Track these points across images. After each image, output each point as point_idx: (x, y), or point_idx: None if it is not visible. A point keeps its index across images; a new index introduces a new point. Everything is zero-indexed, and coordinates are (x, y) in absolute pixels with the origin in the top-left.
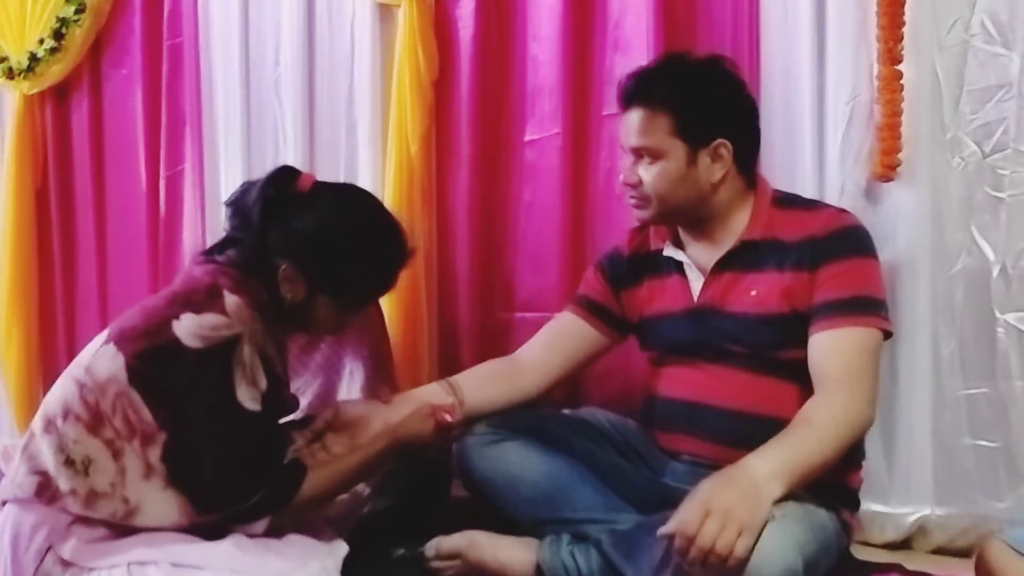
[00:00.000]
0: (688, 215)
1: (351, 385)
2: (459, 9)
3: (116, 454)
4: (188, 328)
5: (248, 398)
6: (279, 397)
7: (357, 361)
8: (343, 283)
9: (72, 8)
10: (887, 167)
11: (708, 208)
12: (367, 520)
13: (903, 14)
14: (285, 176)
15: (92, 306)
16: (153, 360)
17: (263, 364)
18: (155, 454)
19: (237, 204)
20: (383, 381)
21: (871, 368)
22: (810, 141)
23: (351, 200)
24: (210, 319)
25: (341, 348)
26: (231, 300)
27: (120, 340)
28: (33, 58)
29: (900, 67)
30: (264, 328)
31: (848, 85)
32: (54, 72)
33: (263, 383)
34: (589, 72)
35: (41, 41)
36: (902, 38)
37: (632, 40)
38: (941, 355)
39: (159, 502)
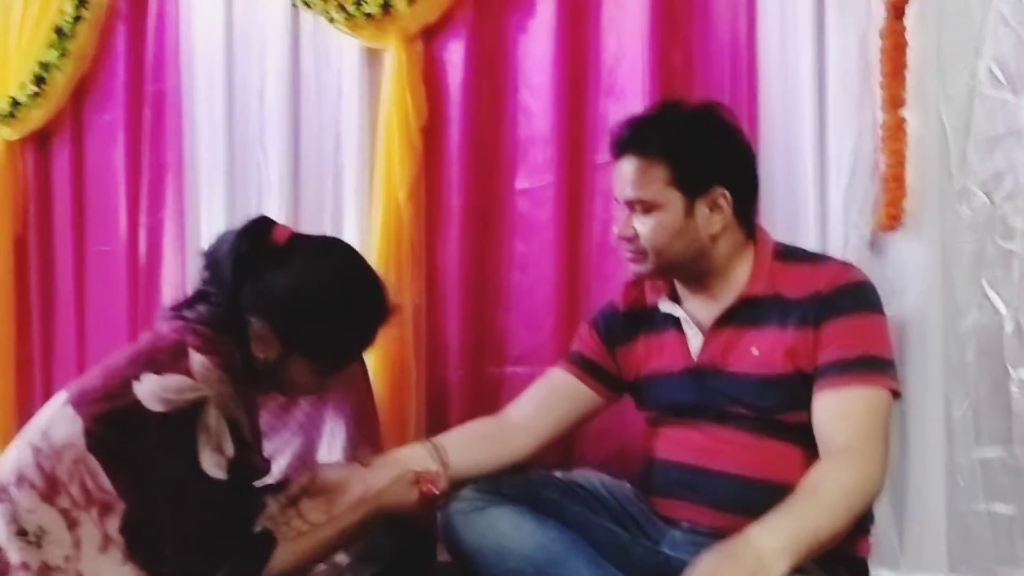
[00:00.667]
0: (687, 269)
1: (332, 445)
2: (449, 54)
3: (72, 524)
4: (150, 390)
5: (213, 465)
6: (247, 464)
7: (339, 419)
8: (319, 344)
9: (56, 53)
10: (892, 218)
11: (707, 261)
12: None
13: (906, 61)
14: (260, 228)
15: (70, 355)
16: (113, 424)
17: (230, 430)
18: (114, 525)
19: (211, 256)
20: (366, 441)
21: (880, 431)
22: (812, 192)
23: (329, 255)
24: (174, 381)
25: (322, 406)
26: (197, 360)
27: (79, 403)
28: (15, 103)
29: (904, 115)
30: (234, 390)
31: (851, 134)
32: (36, 117)
33: (230, 450)
34: (583, 120)
35: (23, 86)
36: (906, 85)
37: (627, 87)
38: (953, 416)
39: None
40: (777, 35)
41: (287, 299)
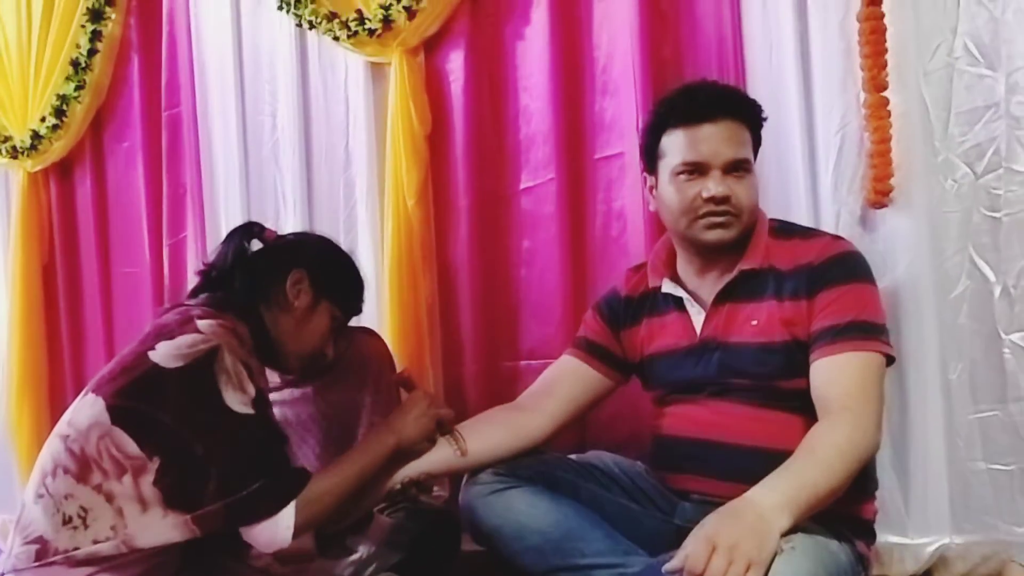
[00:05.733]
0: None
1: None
2: (449, 63)
3: (109, 497)
4: (165, 352)
5: (238, 403)
6: (269, 408)
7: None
8: (343, 290)
9: (72, 85)
10: (880, 193)
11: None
12: None
13: (885, 42)
14: (251, 228)
15: None
16: (134, 393)
17: (247, 372)
18: (147, 484)
19: (213, 261)
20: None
21: (874, 392)
22: (802, 172)
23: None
24: (186, 339)
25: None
26: (204, 323)
27: (97, 387)
28: (36, 136)
29: (886, 94)
30: (242, 344)
31: (836, 115)
32: (57, 149)
33: (251, 389)
34: (580, 117)
35: (43, 119)
36: (886, 65)
37: (620, 83)
38: (949, 380)
39: (163, 529)
40: (760, 25)
41: (320, 252)
